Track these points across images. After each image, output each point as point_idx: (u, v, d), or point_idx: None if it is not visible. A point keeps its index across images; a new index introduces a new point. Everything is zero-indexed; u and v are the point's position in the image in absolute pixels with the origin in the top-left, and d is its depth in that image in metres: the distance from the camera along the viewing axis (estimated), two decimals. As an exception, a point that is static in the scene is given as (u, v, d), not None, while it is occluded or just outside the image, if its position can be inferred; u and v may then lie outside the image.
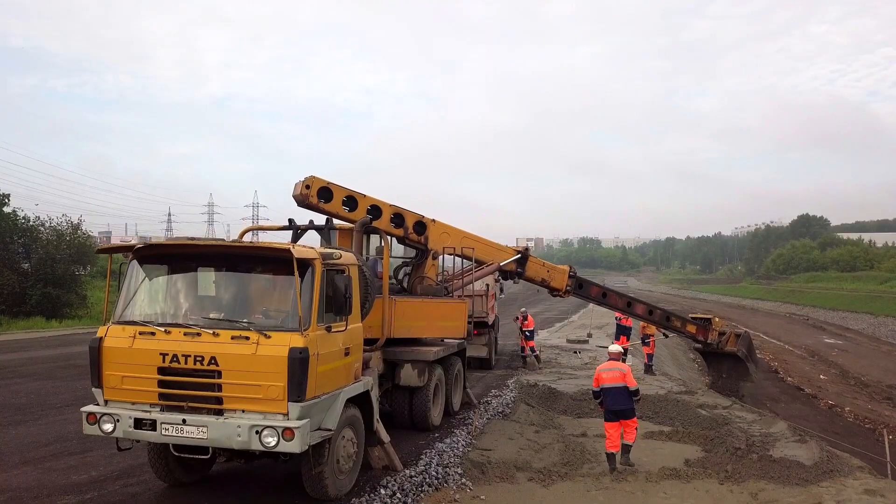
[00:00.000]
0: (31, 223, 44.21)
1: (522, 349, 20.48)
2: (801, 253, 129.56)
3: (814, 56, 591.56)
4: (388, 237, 10.86)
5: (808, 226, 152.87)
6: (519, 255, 14.00)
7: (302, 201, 11.08)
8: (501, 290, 39.76)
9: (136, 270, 7.75)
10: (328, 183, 11.22)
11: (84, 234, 50.32)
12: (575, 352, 22.62)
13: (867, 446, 22.26)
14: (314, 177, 11.10)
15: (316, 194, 11.16)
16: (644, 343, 19.96)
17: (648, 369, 19.27)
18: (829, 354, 44.19)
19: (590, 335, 27.62)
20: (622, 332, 20.24)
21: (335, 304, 7.52)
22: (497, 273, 14.60)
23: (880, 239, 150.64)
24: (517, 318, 21.40)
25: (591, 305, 59.00)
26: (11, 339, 27.46)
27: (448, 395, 12.40)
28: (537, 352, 20.45)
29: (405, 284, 12.71)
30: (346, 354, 7.94)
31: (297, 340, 6.92)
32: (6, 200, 42.37)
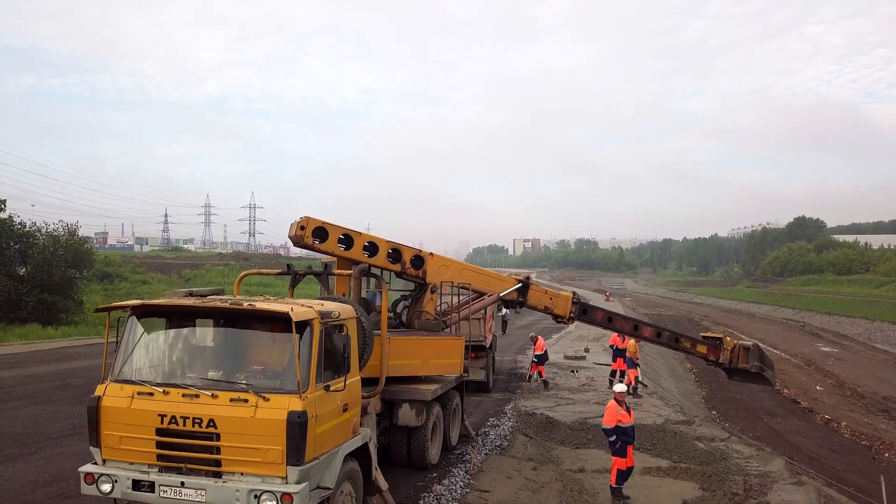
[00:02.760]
0: (27, 228, 44.19)
1: (540, 374, 20.56)
2: (798, 255, 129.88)
3: (810, 57, 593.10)
4: (387, 282, 10.85)
5: (805, 228, 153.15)
6: (520, 285, 13.81)
7: (298, 241, 11.31)
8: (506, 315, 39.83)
9: (134, 326, 7.73)
10: (323, 223, 11.43)
11: (81, 239, 50.32)
12: (572, 371, 22.61)
13: (863, 466, 22.37)
14: (309, 217, 11.32)
15: (311, 234, 11.38)
16: (633, 366, 19.97)
17: (634, 392, 19.23)
18: (826, 363, 44.34)
19: (587, 350, 27.64)
20: (618, 354, 20.25)
21: (333, 363, 7.53)
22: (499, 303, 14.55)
23: (876, 241, 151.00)
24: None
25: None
26: (7, 352, 27.34)
27: (446, 430, 12.39)
28: (544, 377, 20.47)
29: (404, 318, 12.69)
30: (345, 410, 7.93)
31: (295, 403, 6.91)
32: (2, 206, 42.28)
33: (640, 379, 20.48)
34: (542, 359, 20.63)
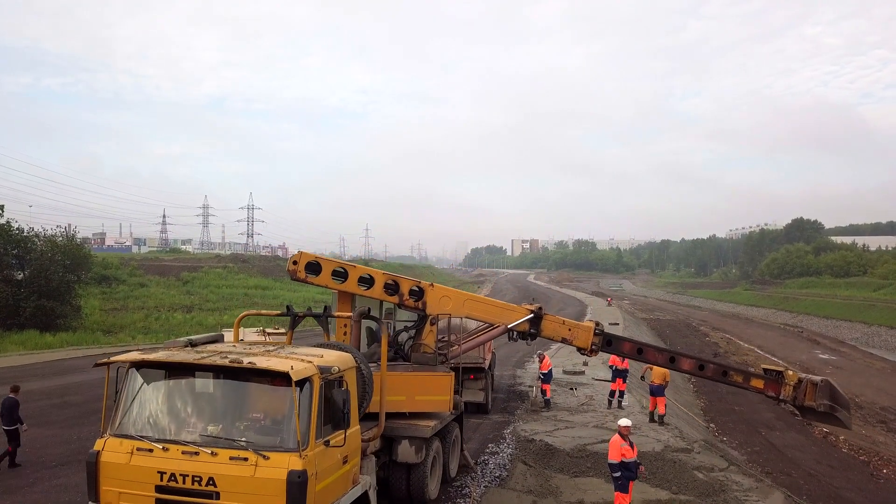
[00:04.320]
0: (24, 234, 44.10)
1: (544, 392, 20.48)
2: (796, 257, 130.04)
3: (809, 57, 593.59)
4: (386, 323, 10.78)
5: (803, 229, 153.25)
6: (532, 315, 13.05)
7: (292, 276, 11.67)
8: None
9: (134, 378, 7.69)
10: (316, 257, 11.78)
11: (78, 244, 50.24)
12: (571, 388, 22.59)
13: (861, 483, 22.37)
14: (302, 252, 11.74)
15: (304, 269, 11.61)
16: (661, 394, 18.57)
17: (660, 420, 18.78)
18: (824, 372, 44.38)
19: (585, 363, 27.62)
20: (618, 374, 20.22)
21: (333, 418, 7.50)
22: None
23: (874, 242, 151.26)
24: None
25: (586, 320, 58.84)
26: (5, 364, 27.25)
27: (445, 462, 12.33)
28: (548, 395, 20.44)
29: (407, 350, 12.59)
30: (344, 462, 7.91)
31: (295, 462, 6.89)
32: (0, 212, 42.22)
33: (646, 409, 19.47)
34: (548, 377, 20.63)
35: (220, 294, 69.43)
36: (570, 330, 13.34)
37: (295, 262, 11.71)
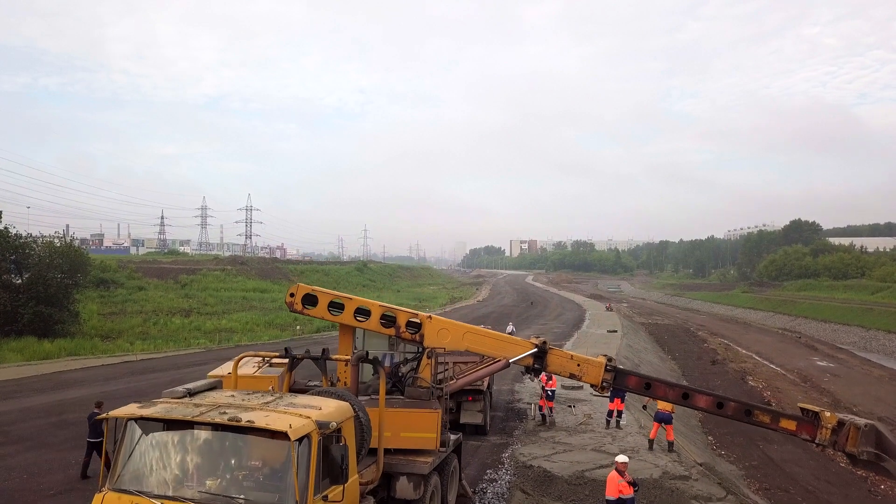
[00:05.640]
0: (22, 239, 44.04)
1: (550, 410, 20.48)
2: (794, 259, 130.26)
3: (806, 58, 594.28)
4: (383, 369, 10.72)
5: (800, 231, 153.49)
6: (535, 350, 12.30)
7: (290, 308, 11.77)
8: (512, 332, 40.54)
9: (132, 431, 7.67)
10: (312, 289, 11.78)
11: (78, 250, 50.21)
12: (570, 406, 22.60)
13: (859, 500, 22.42)
14: (299, 285, 11.82)
15: (300, 301, 11.67)
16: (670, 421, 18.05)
17: (670, 447, 18.35)
18: (821, 380, 44.46)
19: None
20: (616, 394, 20.18)
21: (331, 473, 7.50)
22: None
23: (872, 244, 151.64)
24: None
25: (584, 326, 58.61)
26: (3, 378, 27.22)
27: (444, 495, 12.31)
28: (553, 415, 20.49)
29: (406, 382, 12.54)
30: (343, 513, 7.90)
31: (293, 521, 6.88)
32: (-1, 216, 42.18)
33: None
34: (553, 394, 20.68)
35: (219, 297, 69.40)
36: (578, 365, 12.56)
37: (292, 295, 11.80)
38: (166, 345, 42.03)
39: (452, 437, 12.59)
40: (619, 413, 20.19)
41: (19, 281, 42.09)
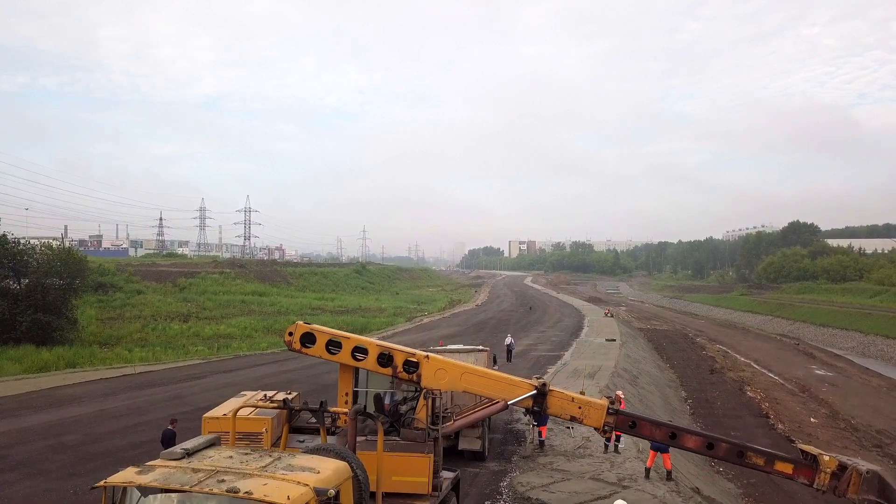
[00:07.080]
0: (20, 246, 43.96)
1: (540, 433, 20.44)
2: (792, 261, 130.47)
3: (805, 58, 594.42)
4: (381, 418, 10.69)
5: (799, 232, 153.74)
6: (535, 392, 11.92)
7: (289, 346, 11.70)
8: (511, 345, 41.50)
9: (131, 495, 7.64)
10: (311, 328, 11.72)
11: (76, 249, 50.15)
12: (568, 427, 22.56)
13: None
14: (298, 323, 11.73)
15: (299, 340, 11.61)
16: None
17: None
18: (820, 390, 44.37)
19: (582, 392, 27.54)
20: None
21: (331, 540, 7.45)
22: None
23: (870, 245, 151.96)
24: None
25: (583, 334, 58.44)
26: (1, 393, 27.16)
27: (443, 533, 12.31)
28: (543, 437, 20.45)
29: (405, 422, 12.49)
30: (342, 574, 7.87)
31: (291, 592, 6.84)
32: (-4, 223, 42.16)
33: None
34: (544, 419, 20.57)
35: (217, 301, 69.09)
36: (580, 408, 11.98)
37: (290, 334, 11.72)
38: (165, 352, 41.89)
39: (450, 474, 12.56)
40: (618, 437, 20.16)
41: (18, 288, 42.08)
